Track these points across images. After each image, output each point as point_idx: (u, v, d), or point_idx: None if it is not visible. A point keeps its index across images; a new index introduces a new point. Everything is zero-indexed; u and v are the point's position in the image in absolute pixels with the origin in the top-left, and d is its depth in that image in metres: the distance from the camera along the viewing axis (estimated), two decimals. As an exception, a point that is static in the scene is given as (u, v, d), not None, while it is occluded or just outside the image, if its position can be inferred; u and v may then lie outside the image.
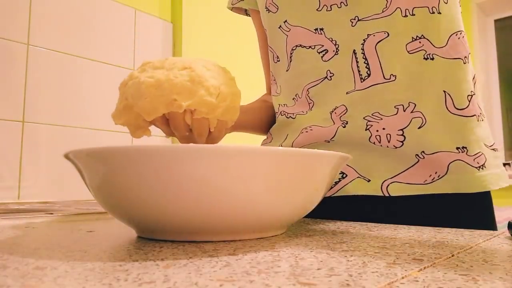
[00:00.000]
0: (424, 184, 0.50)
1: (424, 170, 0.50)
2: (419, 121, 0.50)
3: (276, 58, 0.62)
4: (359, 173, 0.53)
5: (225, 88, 0.43)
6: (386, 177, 0.51)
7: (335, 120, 0.54)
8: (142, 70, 0.44)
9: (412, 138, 0.50)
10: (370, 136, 0.52)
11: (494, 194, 0.57)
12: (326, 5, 0.55)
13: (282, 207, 0.30)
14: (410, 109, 0.50)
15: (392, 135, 0.51)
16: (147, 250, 0.27)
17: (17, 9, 1.22)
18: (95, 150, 0.28)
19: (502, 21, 3.31)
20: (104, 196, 0.30)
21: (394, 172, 0.51)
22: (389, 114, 0.51)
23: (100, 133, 1.40)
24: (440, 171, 0.50)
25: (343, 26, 0.53)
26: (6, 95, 1.18)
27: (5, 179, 1.16)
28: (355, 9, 0.53)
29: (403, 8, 0.51)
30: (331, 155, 0.31)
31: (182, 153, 0.26)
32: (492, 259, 0.25)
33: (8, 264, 0.23)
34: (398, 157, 0.51)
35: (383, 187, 0.51)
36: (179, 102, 0.41)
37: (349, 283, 0.19)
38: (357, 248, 0.28)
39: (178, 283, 0.19)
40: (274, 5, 0.60)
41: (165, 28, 1.65)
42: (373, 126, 0.51)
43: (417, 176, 0.50)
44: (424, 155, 0.50)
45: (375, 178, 0.52)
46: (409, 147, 0.50)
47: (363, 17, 0.52)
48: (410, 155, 0.51)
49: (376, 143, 0.51)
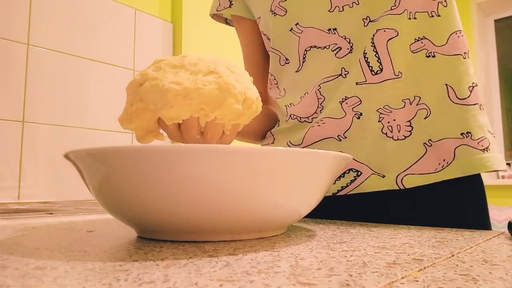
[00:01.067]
0: (436, 172, 0.52)
1: (433, 159, 0.53)
2: (424, 112, 0.53)
3: (284, 60, 0.62)
4: (374, 170, 0.54)
5: (249, 92, 0.42)
6: (399, 170, 0.53)
7: (347, 111, 0.55)
8: (158, 69, 0.40)
9: (419, 128, 0.53)
10: (382, 127, 0.54)
11: (494, 194, 0.59)
12: (338, 6, 0.56)
13: (282, 207, 0.30)
14: (416, 102, 0.53)
15: (401, 125, 0.54)
16: (147, 250, 0.27)
17: (17, 9, 1.22)
18: (95, 150, 0.28)
19: (502, 21, 3.31)
20: (104, 196, 0.30)
21: (406, 164, 0.53)
22: (398, 107, 0.53)
23: (100, 133, 1.40)
24: (448, 158, 0.52)
25: (355, 25, 0.55)
26: (6, 95, 1.18)
27: (5, 179, 1.16)
28: (366, 8, 0.54)
29: (409, 11, 0.54)
30: (331, 155, 0.31)
31: (182, 153, 0.26)
32: (492, 259, 0.25)
33: (8, 264, 0.23)
34: (409, 149, 0.53)
35: (398, 180, 0.53)
36: (206, 112, 0.39)
37: (349, 283, 0.19)
38: (357, 248, 0.28)
39: (178, 283, 0.19)
40: (282, 9, 0.60)
41: (165, 28, 1.65)
42: (385, 118, 0.54)
43: (428, 166, 0.53)
44: (431, 142, 0.53)
45: (389, 173, 0.54)
46: (417, 136, 0.53)
47: (374, 18, 0.54)
48: (418, 144, 0.53)
49: (388, 133, 0.54)
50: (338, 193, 0.56)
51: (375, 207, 0.55)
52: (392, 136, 0.54)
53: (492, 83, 3.28)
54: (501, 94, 3.26)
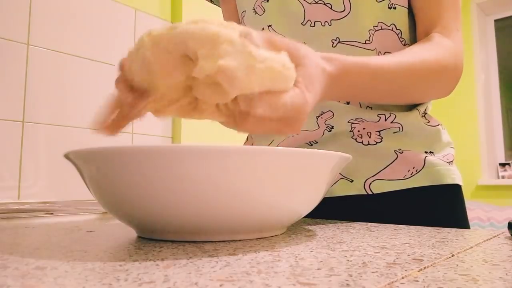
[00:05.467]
0: (404, 179, 0.53)
1: (403, 166, 0.53)
2: (396, 129, 0.54)
3: None
4: (342, 174, 0.54)
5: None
6: (368, 175, 0.53)
7: (321, 124, 0.55)
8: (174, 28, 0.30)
9: (389, 138, 0.54)
10: (352, 135, 0.54)
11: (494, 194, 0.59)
12: (311, 21, 0.55)
13: (282, 207, 0.30)
14: (391, 119, 0.54)
15: (372, 133, 0.54)
16: (147, 250, 0.27)
17: (17, 9, 1.22)
18: (95, 150, 0.28)
19: (502, 21, 3.30)
20: (104, 196, 0.30)
21: (375, 170, 0.53)
22: (371, 120, 0.54)
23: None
24: (418, 166, 0.53)
25: (324, 45, 0.54)
26: (6, 95, 1.18)
27: (5, 179, 1.16)
28: (337, 31, 0.53)
29: (378, 50, 0.53)
30: (331, 155, 0.31)
31: (183, 153, 0.26)
32: (492, 259, 0.25)
33: (8, 264, 0.23)
34: (379, 155, 0.53)
35: (366, 185, 0.53)
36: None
37: (349, 283, 0.19)
38: (357, 248, 0.28)
39: (178, 283, 0.19)
40: (261, 8, 0.60)
41: (165, 28, 1.65)
42: (356, 128, 0.54)
43: (397, 172, 0.53)
44: (402, 150, 0.53)
45: (357, 178, 0.54)
46: (387, 143, 0.54)
47: (344, 40, 0.53)
48: (390, 151, 0.53)
49: (358, 139, 0.54)
50: None
51: (345, 211, 0.55)
52: (362, 141, 0.54)
53: (492, 83, 3.28)
54: (501, 94, 3.26)
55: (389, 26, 0.53)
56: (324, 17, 0.54)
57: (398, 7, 0.52)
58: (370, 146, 0.54)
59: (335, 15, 0.53)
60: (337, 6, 0.53)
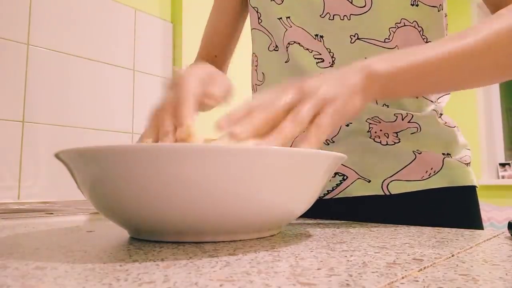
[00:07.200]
0: (422, 180, 0.52)
1: (421, 167, 0.53)
2: (414, 129, 0.54)
3: (273, 46, 0.61)
4: (360, 175, 0.54)
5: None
6: (386, 176, 0.53)
7: None
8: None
9: (407, 139, 0.53)
10: (370, 135, 0.54)
11: (494, 194, 0.59)
12: (330, 13, 0.54)
13: (280, 207, 0.30)
14: (408, 118, 0.53)
15: (389, 134, 0.54)
16: (147, 250, 0.27)
17: (17, 9, 1.22)
18: (87, 149, 0.27)
19: (502, 21, 3.29)
20: (97, 198, 0.30)
21: (393, 170, 0.53)
22: (388, 120, 0.53)
23: (101, 133, 1.41)
24: (436, 167, 0.53)
25: (341, 40, 0.53)
26: (6, 95, 1.18)
27: (5, 179, 1.16)
28: (357, 27, 0.53)
29: (400, 48, 0.52)
30: (327, 155, 0.31)
31: (181, 152, 0.26)
32: (492, 259, 0.25)
33: (8, 264, 0.23)
34: (397, 155, 0.53)
35: (384, 186, 0.53)
36: None
37: (349, 283, 0.19)
38: (357, 248, 0.28)
39: (178, 283, 0.19)
40: None
41: (165, 28, 1.65)
42: (373, 129, 0.54)
43: (415, 173, 0.53)
44: (421, 151, 0.53)
45: (375, 178, 0.53)
46: (406, 144, 0.53)
47: (363, 37, 0.53)
48: (408, 151, 0.53)
49: (376, 139, 0.54)
50: (324, 196, 0.56)
51: (361, 211, 0.55)
52: (380, 141, 0.54)
53: (492, 83, 3.27)
54: (501, 94, 3.26)
55: (411, 23, 0.52)
56: (343, 11, 0.53)
57: (420, 4, 0.52)
58: (389, 146, 0.53)
59: (356, 10, 0.52)
60: (358, 1, 0.52)
